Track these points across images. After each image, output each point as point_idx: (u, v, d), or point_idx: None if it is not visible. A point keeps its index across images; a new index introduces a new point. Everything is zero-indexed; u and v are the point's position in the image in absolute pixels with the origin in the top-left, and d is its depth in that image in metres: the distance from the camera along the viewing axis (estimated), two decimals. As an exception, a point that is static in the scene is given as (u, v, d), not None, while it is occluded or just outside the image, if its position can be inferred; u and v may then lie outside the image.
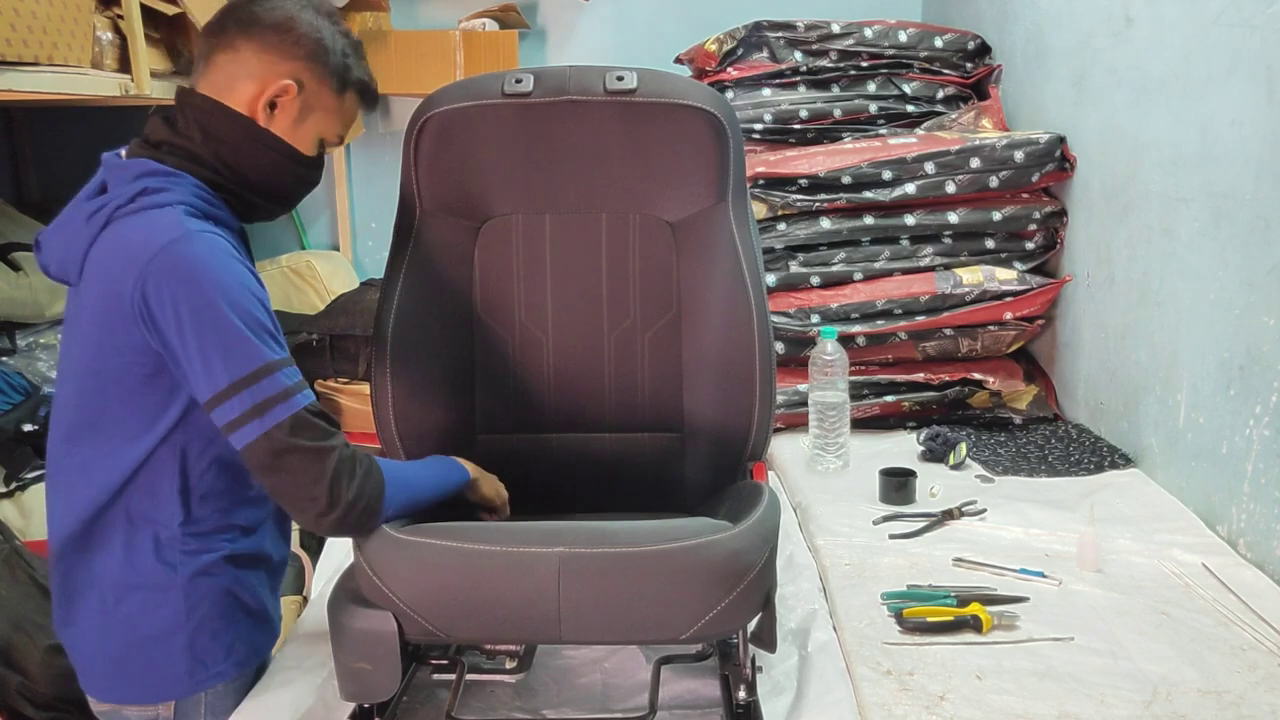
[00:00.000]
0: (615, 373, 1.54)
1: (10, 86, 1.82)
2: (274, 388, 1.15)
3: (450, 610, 1.19)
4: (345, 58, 1.29)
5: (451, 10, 3.36)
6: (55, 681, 1.99)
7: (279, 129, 1.27)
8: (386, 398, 1.48)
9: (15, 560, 2.11)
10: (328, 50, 1.27)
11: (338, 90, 1.30)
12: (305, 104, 1.28)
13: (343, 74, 1.29)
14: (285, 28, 1.26)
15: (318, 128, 1.30)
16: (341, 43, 1.29)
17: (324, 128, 1.31)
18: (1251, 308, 1.69)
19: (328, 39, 1.27)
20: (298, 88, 1.26)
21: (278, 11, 1.26)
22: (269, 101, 1.26)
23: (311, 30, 1.27)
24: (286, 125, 1.27)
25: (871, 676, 1.36)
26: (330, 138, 1.33)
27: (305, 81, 1.27)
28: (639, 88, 1.47)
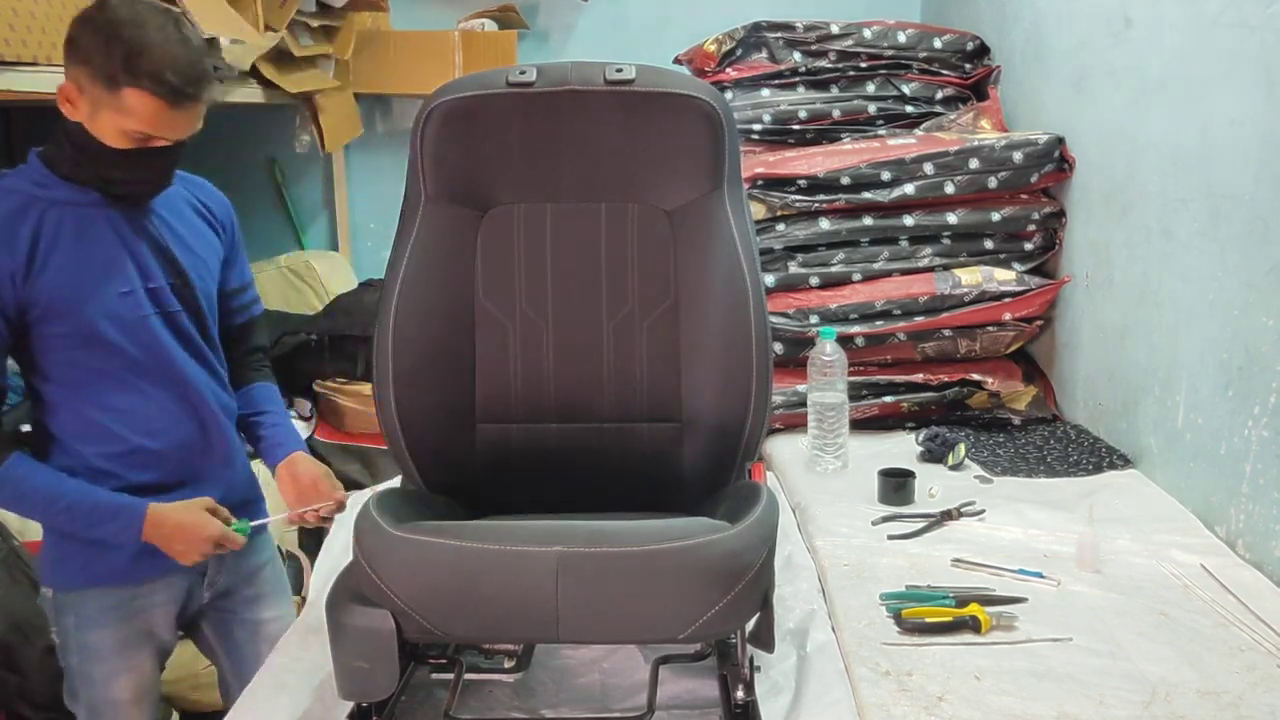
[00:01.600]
0: (614, 361, 1.55)
1: (10, 86, 1.82)
2: None
3: (448, 609, 1.19)
4: (122, 61, 1.39)
5: (451, 10, 3.36)
6: (53, 682, 1.99)
7: (81, 120, 1.44)
8: (388, 382, 1.50)
9: (14, 561, 2.11)
10: (94, 56, 1.40)
11: (109, 89, 1.40)
12: (91, 102, 1.43)
13: (111, 76, 1.40)
14: (71, 40, 1.43)
15: (111, 122, 1.43)
16: (121, 47, 1.39)
17: (116, 121, 1.43)
18: (1250, 308, 1.69)
19: (99, 45, 1.40)
20: (77, 89, 1.43)
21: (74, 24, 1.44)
22: (65, 99, 1.44)
23: (83, 39, 1.41)
24: (84, 118, 1.44)
25: (870, 677, 1.36)
26: (130, 129, 1.43)
27: (82, 84, 1.42)
28: (637, 79, 1.50)
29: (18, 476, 1.48)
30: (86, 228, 1.49)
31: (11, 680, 1.98)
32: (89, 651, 1.59)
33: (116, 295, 1.50)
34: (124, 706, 1.62)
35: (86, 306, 1.48)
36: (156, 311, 1.55)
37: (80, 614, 1.58)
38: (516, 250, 1.56)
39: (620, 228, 1.55)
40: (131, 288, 1.52)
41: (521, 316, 1.56)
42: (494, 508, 1.56)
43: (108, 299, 1.50)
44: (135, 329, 1.52)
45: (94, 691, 1.61)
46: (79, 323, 1.48)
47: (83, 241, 1.49)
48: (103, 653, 1.59)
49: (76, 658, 1.60)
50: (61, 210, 1.48)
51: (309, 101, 3.01)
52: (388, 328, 1.50)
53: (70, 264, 1.47)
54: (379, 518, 1.23)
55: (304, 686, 1.42)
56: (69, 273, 1.47)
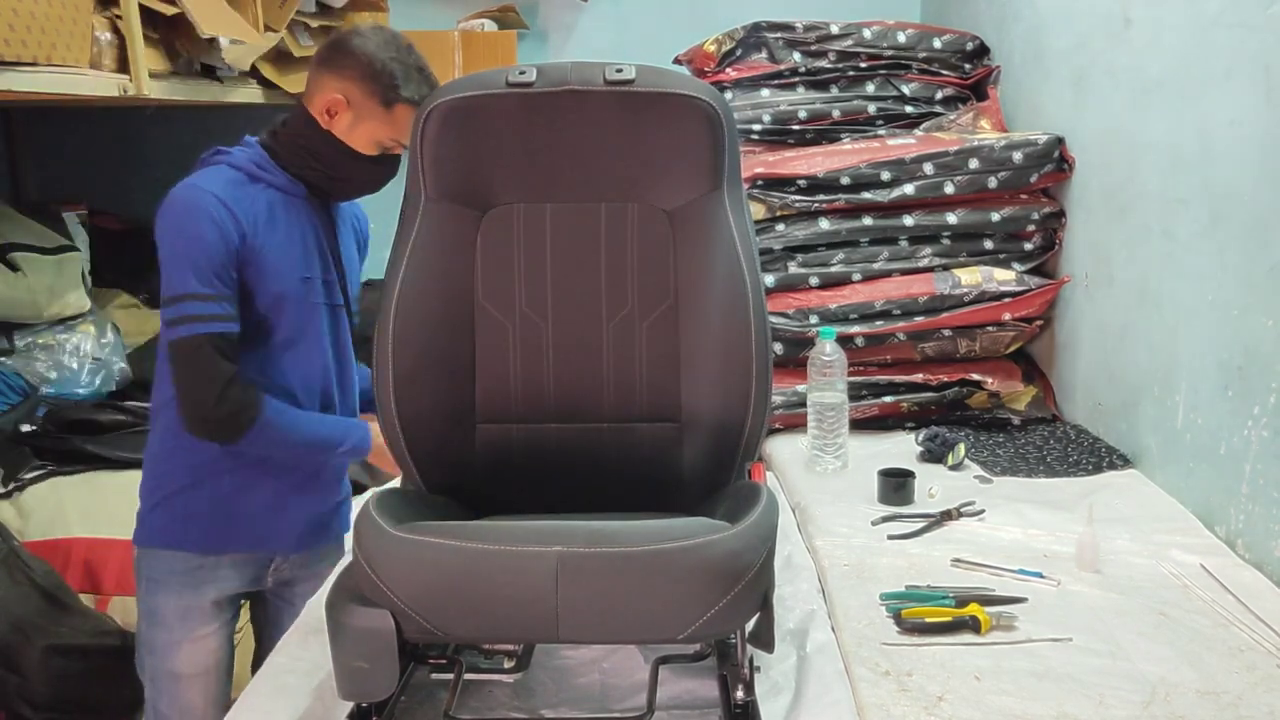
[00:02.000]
0: (614, 361, 1.55)
1: (9, 86, 1.82)
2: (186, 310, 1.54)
3: (448, 609, 1.19)
4: (393, 79, 1.59)
5: (450, 11, 3.36)
6: (53, 683, 2.00)
7: (338, 131, 1.63)
8: (388, 382, 1.50)
9: (14, 562, 2.11)
10: (374, 74, 1.59)
11: (383, 105, 1.61)
12: (356, 115, 1.62)
13: (387, 93, 1.60)
14: (344, 55, 1.61)
15: (371, 133, 1.63)
16: (392, 67, 1.59)
17: (377, 133, 1.63)
18: (1250, 308, 1.69)
19: (376, 64, 1.59)
20: (346, 102, 1.61)
21: (343, 43, 1.62)
22: (326, 109, 1.62)
23: (363, 57, 1.60)
24: (343, 129, 1.63)
25: (870, 677, 1.36)
26: (385, 142, 1.64)
27: (353, 98, 1.61)
28: (637, 79, 1.51)
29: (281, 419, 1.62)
30: (291, 214, 1.65)
31: (12, 680, 1.99)
32: (154, 616, 1.69)
33: (300, 279, 1.66)
34: (184, 681, 1.69)
35: (277, 281, 1.62)
36: (325, 302, 1.70)
37: (150, 576, 1.69)
38: (516, 250, 1.56)
39: (620, 228, 1.55)
40: (312, 275, 1.68)
41: (521, 316, 1.56)
42: (494, 508, 1.56)
43: (293, 280, 1.65)
44: (303, 314, 1.67)
45: (156, 661, 1.69)
46: (264, 294, 1.62)
47: (289, 225, 1.64)
48: (166, 619, 1.68)
49: (145, 622, 1.70)
50: (274, 194, 1.64)
51: (309, 102, 3.01)
52: (387, 328, 1.50)
53: (273, 240, 1.62)
54: (379, 518, 1.23)
55: (304, 686, 1.42)
56: (273, 248, 1.62)
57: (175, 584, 1.68)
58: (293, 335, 1.66)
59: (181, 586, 1.68)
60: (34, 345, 2.60)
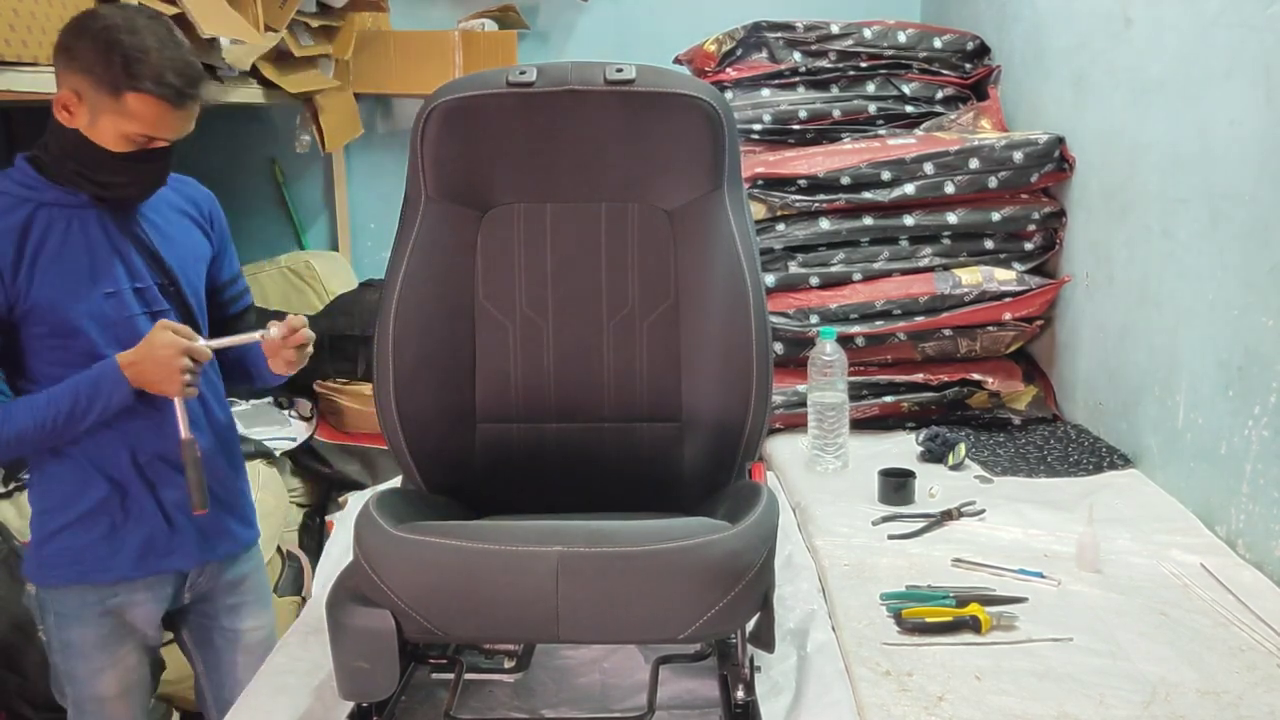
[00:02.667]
0: (614, 361, 1.55)
1: (10, 87, 1.82)
2: None
3: (449, 609, 1.19)
4: (124, 67, 1.42)
5: (451, 10, 3.36)
6: (54, 682, 1.99)
7: (82, 129, 1.46)
8: (388, 382, 1.50)
9: (14, 561, 2.11)
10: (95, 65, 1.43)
11: (112, 94, 1.43)
12: (91, 108, 1.45)
13: (114, 83, 1.43)
14: (65, 49, 1.45)
15: (113, 126, 1.45)
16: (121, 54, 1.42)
17: (118, 125, 1.45)
18: (1250, 308, 1.69)
19: (99, 54, 1.43)
20: (77, 97, 1.45)
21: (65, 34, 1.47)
22: (62, 106, 1.46)
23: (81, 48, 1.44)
24: (84, 125, 1.46)
25: (870, 677, 1.36)
26: (132, 133, 1.46)
27: (82, 91, 1.45)
28: (637, 78, 1.51)
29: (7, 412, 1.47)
30: (74, 229, 1.51)
31: (12, 680, 1.99)
32: (71, 649, 1.61)
33: (102, 296, 1.52)
34: (109, 702, 1.63)
35: (72, 306, 1.49)
36: (144, 311, 1.56)
37: (60, 611, 1.60)
38: (517, 250, 1.56)
39: (620, 228, 1.55)
40: (117, 288, 1.54)
41: (522, 316, 1.56)
42: (494, 507, 1.56)
43: (93, 299, 1.51)
44: (120, 329, 1.53)
45: (79, 688, 1.63)
46: (63, 323, 1.49)
47: (70, 242, 1.51)
48: (84, 649, 1.61)
49: (59, 655, 1.62)
50: (50, 211, 1.50)
51: (309, 102, 3.01)
52: (388, 328, 1.51)
53: (57, 264, 1.49)
54: (379, 518, 1.23)
55: (304, 686, 1.42)
56: (55, 273, 1.49)
57: (89, 615, 1.60)
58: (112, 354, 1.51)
59: (96, 617, 1.60)
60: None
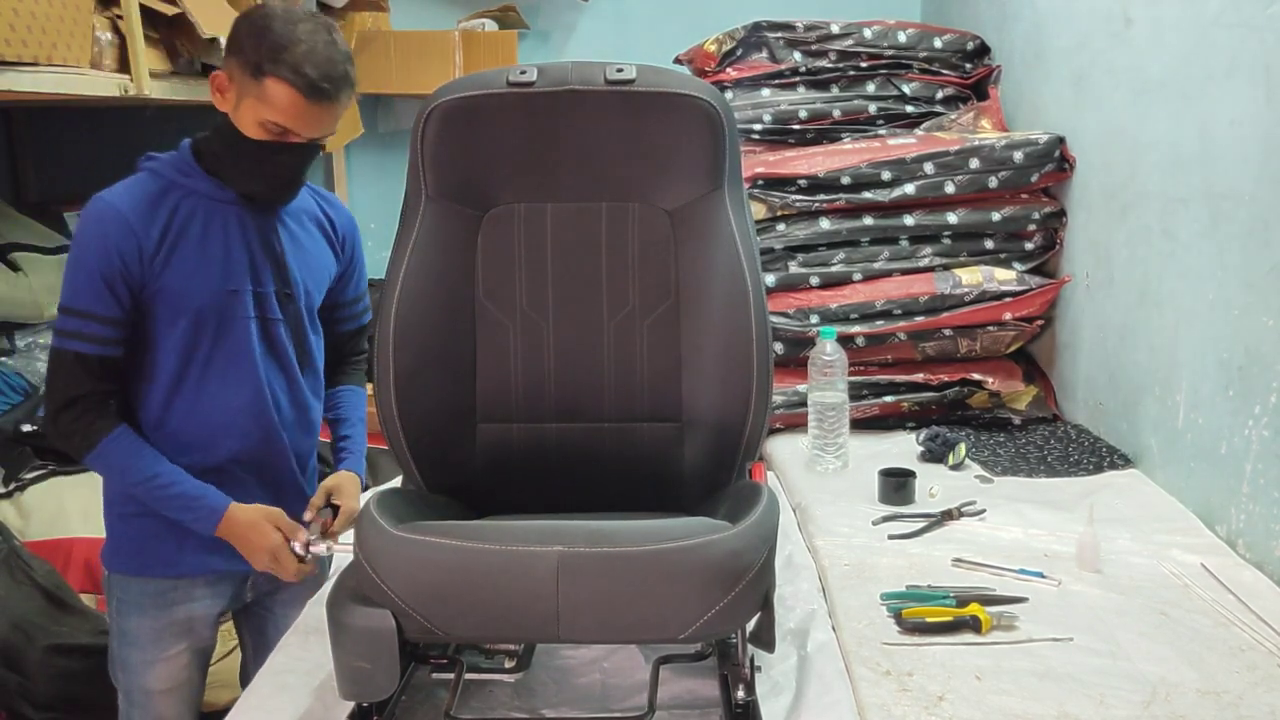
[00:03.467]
0: (615, 361, 1.55)
1: (10, 87, 1.82)
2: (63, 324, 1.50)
3: (449, 609, 1.19)
4: (268, 50, 1.45)
5: (451, 10, 3.37)
6: (54, 682, 1.99)
7: (228, 110, 1.51)
8: (388, 382, 1.50)
9: (15, 561, 2.11)
10: (245, 46, 1.47)
11: (254, 77, 1.46)
12: (238, 91, 1.49)
13: (257, 65, 1.45)
14: (231, 36, 1.51)
15: (252, 111, 1.48)
16: (270, 39, 1.45)
17: (256, 111, 1.48)
18: (1251, 308, 1.69)
19: (252, 34, 1.47)
20: (227, 77, 1.50)
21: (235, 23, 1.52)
22: (217, 88, 1.51)
23: (240, 31, 1.49)
24: (230, 108, 1.51)
25: (870, 677, 1.36)
26: (265, 120, 1.48)
27: (232, 73, 1.49)
28: (637, 78, 1.51)
29: (123, 448, 1.52)
30: (216, 222, 1.54)
31: (13, 680, 1.98)
32: (127, 637, 1.63)
33: (226, 292, 1.54)
34: (157, 696, 1.65)
35: (193, 297, 1.53)
36: (256, 316, 1.58)
37: (122, 598, 1.63)
38: (517, 250, 1.56)
39: (621, 227, 1.55)
40: (239, 288, 1.55)
41: (522, 316, 1.56)
42: (495, 507, 1.56)
43: (217, 293, 1.54)
44: (229, 328, 1.56)
45: (130, 677, 1.65)
46: (181, 310, 1.52)
47: (209, 235, 1.54)
48: (139, 640, 1.63)
49: (116, 641, 1.65)
50: (197, 201, 1.53)
51: (309, 101, 3.01)
52: (388, 328, 1.50)
53: (192, 253, 1.52)
54: (380, 517, 1.23)
55: (304, 686, 1.42)
56: (188, 261, 1.52)
57: (148, 605, 1.62)
58: (214, 353, 1.55)
59: (154, 609, 1.62)
60: (35, 345, 2.60)
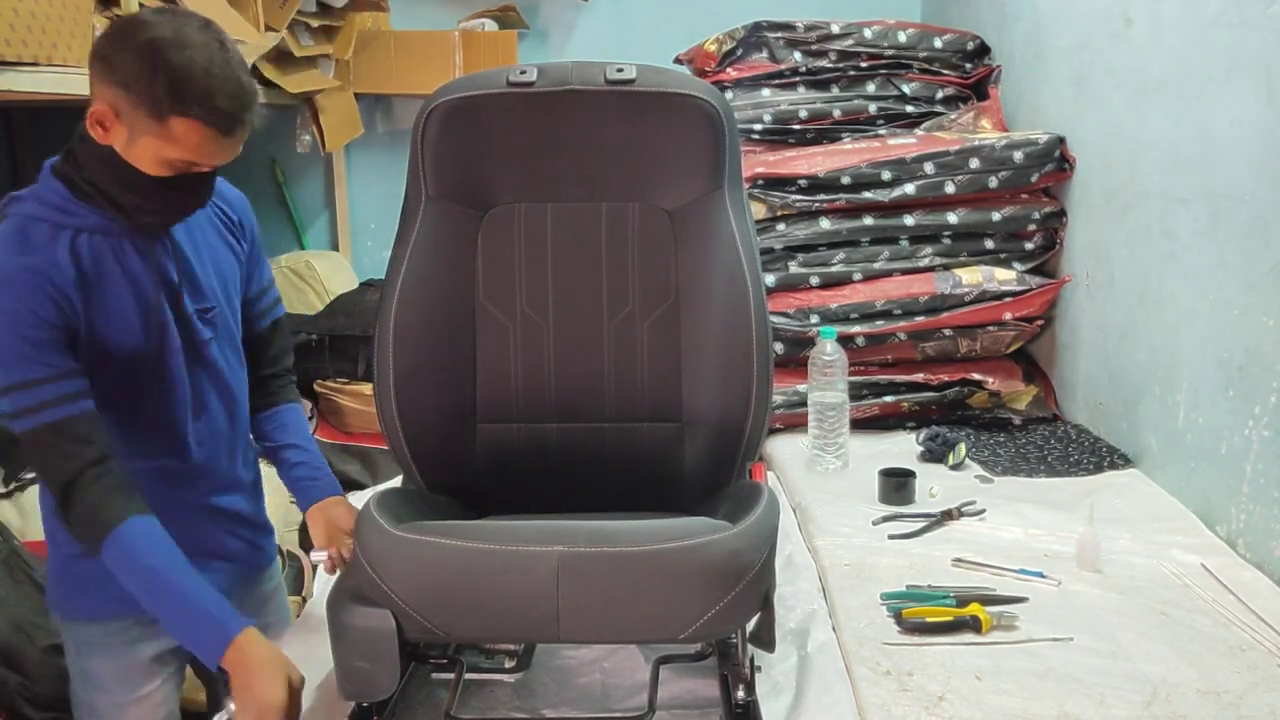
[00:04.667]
0: (615, 361, 1.55)
1: (10, 87, 1.82)
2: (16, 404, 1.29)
3: (449, 609, 1.19)
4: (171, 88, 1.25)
5: (451, 10, 3.36)
6: (54, 682, 1.99)
7: (118, 148, 1.30)
8: (388, 382, 1.50)
9: (15, 561, 2.11)
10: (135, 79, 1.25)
11: (155, 117, 1.26)
12: (130, 128, 1.28)
13: (156, 103, 1.25)
14: (104, 59, 1.28)
15: (152, 150, 1.29)
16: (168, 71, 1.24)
17: (158, 150, 1.29)
18: (1251, 308, 1.69)
19: (140, 66, 1.25)
20: (114, 114, 1.28)
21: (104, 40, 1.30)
22: (97, 121, 1.29)
23: (119, 58, 1.26)
24: (121, 146, 1.30)
25: (870, 677, 1.36)
26: (174, 158, 1.30)
27: (119, 108, 1.27)
28: (638, 78, 1.51)
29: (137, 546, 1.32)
30: (113, 257, 1.37)
31: (13, 680, 1.98)
32: (91, 680, 1.50)
33: (155, 326, 1.40)
34: None
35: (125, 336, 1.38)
36: (184, 342, 1.44)
37: (82, 639, 1.50)
38: (517, 250, 1.56)
39: (621, 227, 1.55)
40: (164, 319, 1.41)
41: (522, 316, 1.56)
42: (495, 507, 1.56)
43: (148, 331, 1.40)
44: (164, 361, 1.42)
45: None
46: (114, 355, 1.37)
47: (113, 271, 1.37)
48: (105, 684, 1.50)
49: (80, 685, 1.52)
50: (89, 238, 1.35)
51: (309, 101, 3.01)
52: (388, 328, 1.50)
53: (110, 293, 1.37)
54: (380, 517, 1.23)
55: (304, 686, 1.41)
56: (108, 302, 1.37)
57: (113, 644, 1.48)
58: (150, 391, 1.42)
59: (120, 646, 1.48)
60: (35, 345, 2.59)
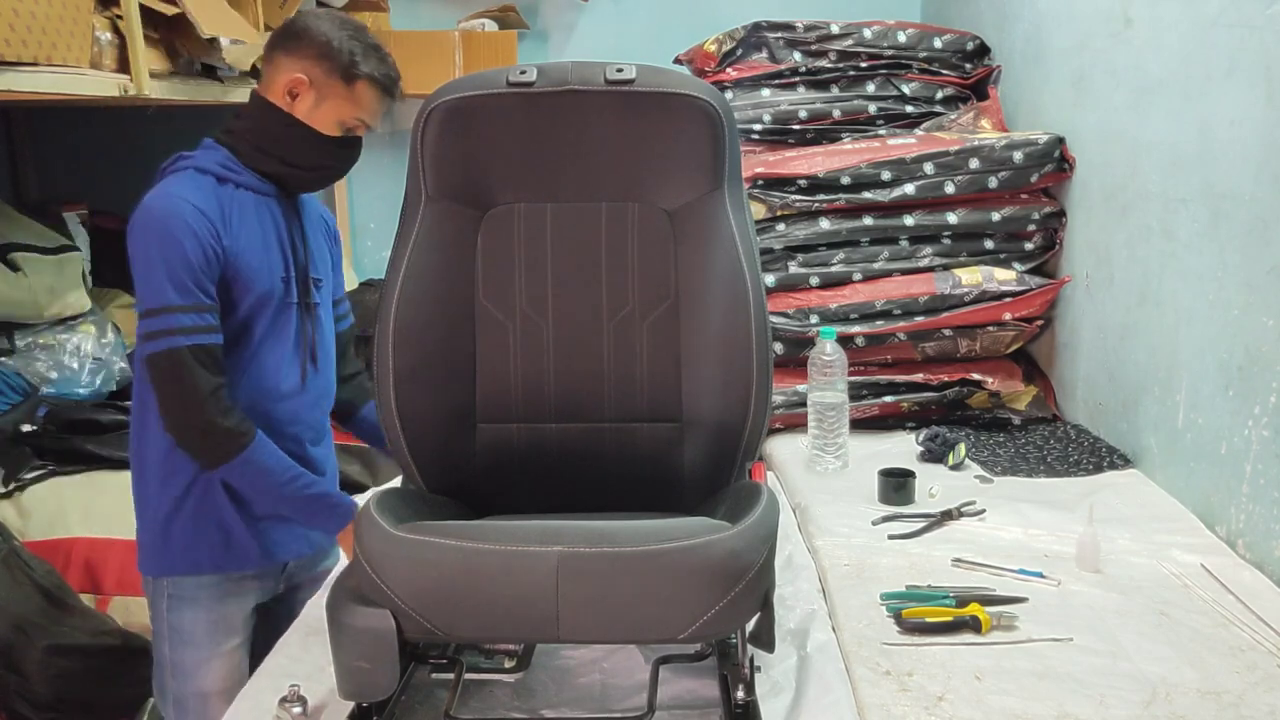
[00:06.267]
0: (614, 361, 1.55)
1: (10, 86, 1.82)
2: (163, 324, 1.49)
3: (449, 609, 1.19)
4: (352, 56, 1.58)
5: (451, 10, 3.36)
6: (54, 683, 1.99)
7: (300, 113, 1.60)
8: (388, 382, 1.50)
9: (14, 561, 2.11)
10: (334, 51, 1.58)
11: (345, 81, 1.59)
12: (319, 94, 1.59)
13: (348, 69, 1.58)
14: (299, 36, 1.60)
15: (335, 112, 1.60)
16: (351, 45, 1.58)
17: (340, 112, 1.60)
18: (1251, 308, 1.69)
19: (335, 42, 1.58)
20: (308, 81, 1.58)
21: (297, 25, 1.62)
22: (288, 91, 1.59)
23: (320, 36, 1.58)
24: (305, 110, 1.60)
25: (870, 677, 1.36)
26: (348, 120, 1.62)
27: (314, 76, 1.58)
28: (637, 78, 1.51)
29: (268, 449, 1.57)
30: (260, 213, 1.62)
31: (12, 680, 1.98)
32: (180, 635, 1.62)
33: (279, 278, 1.62)
34: (213, 700, 1.63)
35: (257, 282, 1.59)
36: (299, 301, 1.66)
37: (174, 594, 1.62)
38: (517, 250, 1.56)
39: (620, 227, 1.55)
40: (287, 274, 1.64)
41: (522, 316, 1.56)
42: (494, 508, 1.56)
43: (272, 279, 1.61)
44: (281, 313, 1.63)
45: (184, 683, 1.63)
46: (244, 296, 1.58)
47: (258, 224, 1.61)
48: (194, 636, 1.63)
49: (168, 644, 1.64)
50: (244, 194, 1.60)
51: (309, 101, 3.01)
52: (388, 328, 1.50)
53: (252, 241, 1.59)
54: (380, 517, 1.23)
55: (304, 686, 1.41)
56: (251, 248, 1.59)
57: (204, 599, 1.63)
58: (267, 337, 1.62)
59: (211, 600, 1.63)
60: (34, 345, 2.59)
